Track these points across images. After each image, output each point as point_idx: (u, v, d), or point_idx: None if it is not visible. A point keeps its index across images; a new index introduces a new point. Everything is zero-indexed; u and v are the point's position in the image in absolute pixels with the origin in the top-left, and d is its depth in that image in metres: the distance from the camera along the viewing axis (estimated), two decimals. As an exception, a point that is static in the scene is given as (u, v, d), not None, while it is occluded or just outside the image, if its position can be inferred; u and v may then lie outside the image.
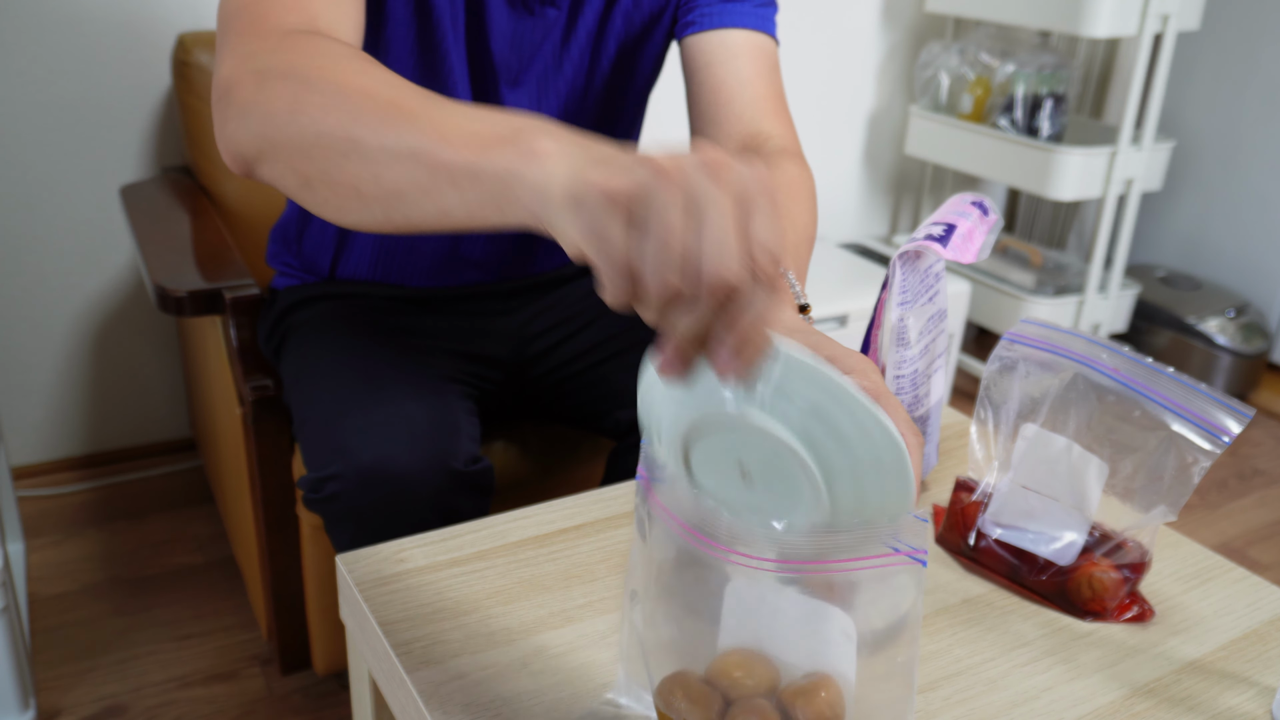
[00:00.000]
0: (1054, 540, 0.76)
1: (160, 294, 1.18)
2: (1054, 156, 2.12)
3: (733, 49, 0.99)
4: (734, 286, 0.46)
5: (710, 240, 0.45)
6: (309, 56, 0.65)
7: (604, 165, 0.48)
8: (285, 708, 1.37)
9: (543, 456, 1.22)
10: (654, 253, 0.46)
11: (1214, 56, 2.53)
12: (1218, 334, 2.38)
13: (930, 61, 2.35)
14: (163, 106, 1.73)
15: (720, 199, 0.46)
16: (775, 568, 0.53)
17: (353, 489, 0.87)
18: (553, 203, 0.49)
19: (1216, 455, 0.72)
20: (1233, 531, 1.93)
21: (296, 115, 0.62)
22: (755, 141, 0.95)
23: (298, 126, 0.61)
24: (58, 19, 1.62)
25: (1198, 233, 2.63)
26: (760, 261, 0.46)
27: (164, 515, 1.78)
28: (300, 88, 0.62)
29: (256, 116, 0.64)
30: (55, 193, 1.71)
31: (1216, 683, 0.70)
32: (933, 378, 0.86)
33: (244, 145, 0.65)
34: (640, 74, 1.07)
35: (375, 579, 0.75)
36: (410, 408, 0.90)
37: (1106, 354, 0.77)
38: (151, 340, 1.87)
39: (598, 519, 0.84)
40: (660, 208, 0.46)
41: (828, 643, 0.53)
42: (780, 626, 0.54)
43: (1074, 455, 0.76)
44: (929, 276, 0.82)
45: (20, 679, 1.24)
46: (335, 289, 1.13)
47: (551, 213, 0.49)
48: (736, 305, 0.47)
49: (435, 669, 0.67)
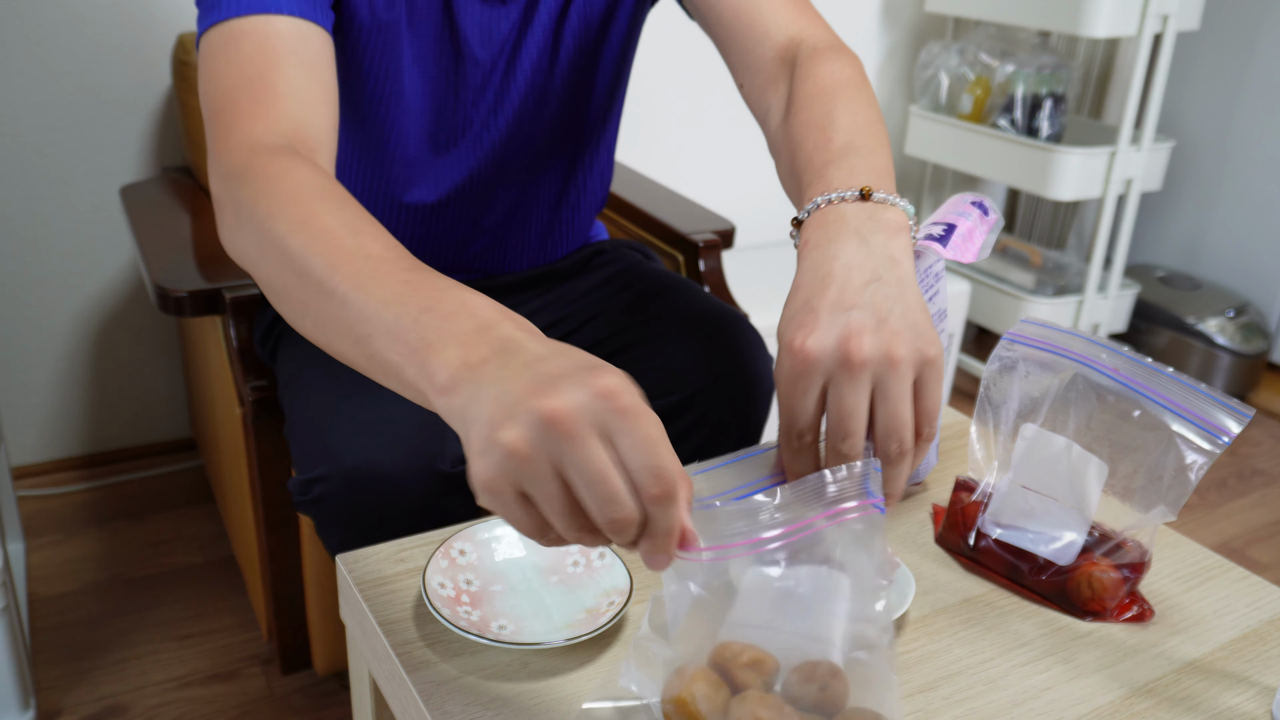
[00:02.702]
0: (1054, 540, 0.77)
1: (160, 294, 1.18)
2: (1054, 156, 2.12)
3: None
4: (631, 521, 0.50)
5: (592, 496, 0.49)
6: (266, 192, 0.68)
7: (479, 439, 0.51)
8: (285, 708, 1.37)
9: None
10: (554, 518, 0.51)
11: (1213, 56, 2.53)
12: (1217, 334, 2.38)
13: (930, 61, 2.35)
14: (163, 106, 1.73)
15: (578, 455, 0.49)
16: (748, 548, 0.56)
17: (339, 491, 0.87)
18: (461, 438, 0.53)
19: (1216, 455, 0.72)
20: (1233, 531, 1.93)
21: (263, 261, 0.67)
22: (790, 52, 0.88)
23: (265, 272, 0.67)
24: (58, 19, 1.62)
25: (1197, 233, 2.63)
26: (648, 490, 0.50)
27: (164, 515, 1.78)
28: (260, 233, 0.67)
29: (239, 245, 0.70)
30: (55, 193, 1.71)
31: (1216, 683, 0.70)
32: (933, 378, 0.86)
33: (234, 257, 0.72)
34: (610, 46, 1.07)
35: (375, 579, 0.75)
36: (396, 410, 0.90)
37: (1106, 354, 0.77)
38: (151, 340, 1.87)
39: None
40: (536, 485, 0.50)
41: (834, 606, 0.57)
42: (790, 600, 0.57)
43: (1074, 455, 0.76)
44: (929, 276, 0.82)
45: (20, 679, 1.24)
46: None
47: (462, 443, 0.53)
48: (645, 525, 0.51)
49: (435, 669, 0.67)
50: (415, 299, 0.57)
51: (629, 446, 0.49)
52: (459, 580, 0.72)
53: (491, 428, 0.50)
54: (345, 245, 0.62)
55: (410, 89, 0.99)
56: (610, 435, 0.49)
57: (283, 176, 0.69)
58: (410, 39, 0.96)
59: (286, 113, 0.75)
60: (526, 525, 0.52)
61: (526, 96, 1.04)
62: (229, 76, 0.76)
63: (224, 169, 0.72)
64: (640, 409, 0.50)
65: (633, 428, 0.49)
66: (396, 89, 0.98)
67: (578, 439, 0.49)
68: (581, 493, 0.50)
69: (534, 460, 0.49)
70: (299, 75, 0.77)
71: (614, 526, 0.50)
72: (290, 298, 0.65)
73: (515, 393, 0.50)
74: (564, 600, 0.72)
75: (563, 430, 0.49)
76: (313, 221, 0.64)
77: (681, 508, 0.51)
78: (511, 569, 0.75)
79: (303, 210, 0.65)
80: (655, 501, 0.50)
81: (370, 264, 0.61)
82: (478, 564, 0.74)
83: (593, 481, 0.49)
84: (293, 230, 0.64)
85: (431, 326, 0.55)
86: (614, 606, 0.69)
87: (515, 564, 0.75)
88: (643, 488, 0.50)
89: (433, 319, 0.56)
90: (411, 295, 0.58)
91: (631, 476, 0.50)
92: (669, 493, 0.50)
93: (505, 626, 0.69)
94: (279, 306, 0.68)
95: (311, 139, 0.76)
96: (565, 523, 0.51)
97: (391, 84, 0.98)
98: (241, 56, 0.77)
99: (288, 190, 0.67)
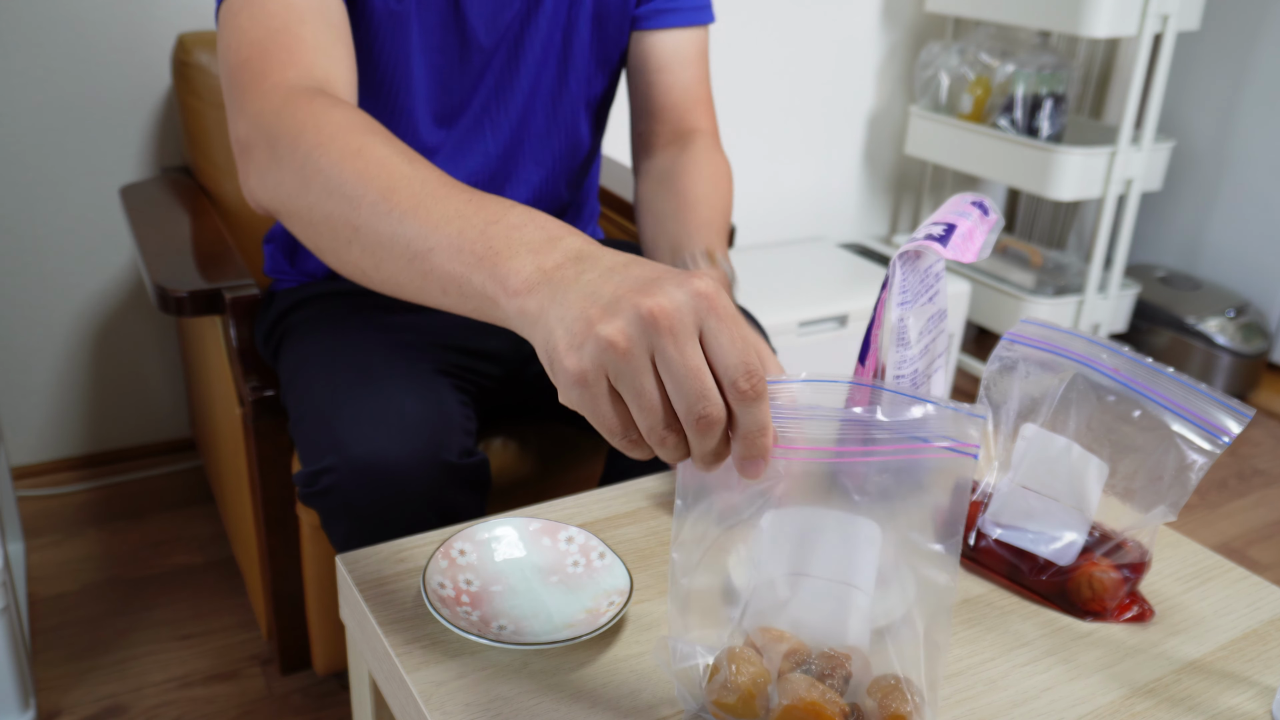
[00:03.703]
0: (1054, 540, 0.77)
1: (160, 294, 1.18)
2: (1054, 156, 2.12)
3: (677, 53, 1.10)
4: (719, 420, 0.50)
5: (684, 393, 0.50)
6: (312, 125, 0.68)
7: (569, 334, 0.51)
8: (285, 708, 1.37)
9: (543, 455, 1.23)
10: (641, 415, 0.51)
11: (1214, 56, 2.53)
12: (1217, 334, 2.38)
13: (930, 61, 2.35)
14: (163, 106, 1.74)
15: (677, 350, 0.49)
16: (833, 455, 0.56)
17: (346, 481, 0.87)
18: (536, 347, 0.54)
19: (1216, 455, 0.72)
20: (1233, 531, 1.93)
21: (305, 193, 0.66)
22: (684, 135, 1.11)
23: (306, 203, 0.66)
24: (58, 19, 1.62)
25: (1197, 233, 2.63)
26: (740, 386, 0.50)
27: (164, 515, 1.78)
28: (305, 164, 0.66)
29: (271, 182, 0.69)
30: (55, 193, 1.71)
31: (1216, 683, 0.70)
32: (933, 378, 0.86)
33: (264, 201, 0.71)
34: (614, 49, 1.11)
35: (375, 579, 0.75)
36: (403, 401, 0.90)
37: (1106, 354, 0.77)
38: (151, 340, 1.87)
39: (598, 518, 0.84)
40: (630, 379, 0.50)
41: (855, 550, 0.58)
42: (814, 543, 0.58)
43: (1074, 455, 0.76)
44: (929, 276, 0.82)
45: (20, 679, 1.24)
46: (332, 287, 1.13)
47: (539, 351, 0.54)
48: (734, 423, 0.51)
49: (435, 669, 0.67)
50: (480, 214, 0.58)
51: (726, 345, 0.50)
52: (459, 580, 0.72)
53: (588, 323, 0.50)
54: (402, 171, 0.63)
55: (419, 76, 0.99)
56: (706, 334, 0.50)
57: (328, 112, 0.69)
58: (419, 27, 0.97)
59: (317, 62, 0.77)
60: (612, 421, 0.52)
61: (533, 84, 1.06)
62: (255, 30, 0.78)
63: (255, 109, 0.73)
64: (735, 311, 0.51)
65: (730, 327, 0.50)
66: (406, 77, 0.99)
67: (680, 335, 0.49)
68: (673, 389, 0.50)
69: (633, 354, 0.50)
70: (324, 32, 0.80)
71: (701, 424, 0.50)
72: (335, 227, 0.65)
73: (610, 292, 0.51)
74: (564, 600, 0.72)
75: (666, 325, 0.49)
76: (366, 151, 0.65)
77: (768, 409, 0.52)
78: (511, 569, 0.75)
79: (354, 141, 0.66)
80: (745, 398, 0.50)
81: (429, 186, 0.62)
82: (478, 564, 0.74)
83: (687, 377, 0.50)
84: (345, 158, 0.65)
85: (500, 236, 0.56)
86: (614, 606, 0.69)
87: (515, 564, 0.75)
88: (735, 384, 0.50)
89: (500, 229, 0.57)
90: (475, 212, 0.58)
91: (723, 375, 0.50)
92: (758, 390, 0.50)
93: (505, 626, 0.69)
94: (316, 241, 0.67)
95: (341, 90, 0.78)
96: (651, 420, 0.51)
97: (402, 71, 0.98)
98: (266, 13, 0.79)
99: (336, 123, 0.68)
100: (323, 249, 0.67)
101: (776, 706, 0.57)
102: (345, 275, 0.67)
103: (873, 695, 0.58)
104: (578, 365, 0.51)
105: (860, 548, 0.58)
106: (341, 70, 0.80)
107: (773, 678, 0.58)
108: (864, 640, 0.59)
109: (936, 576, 0.58)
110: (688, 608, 0.61)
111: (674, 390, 0.50)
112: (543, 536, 0.77)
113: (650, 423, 0.51)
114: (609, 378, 0.51)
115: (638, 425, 0.52)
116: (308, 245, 0.69)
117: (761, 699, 0.58)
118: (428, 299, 0.61)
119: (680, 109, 1.11)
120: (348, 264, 0.66)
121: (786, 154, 2.38)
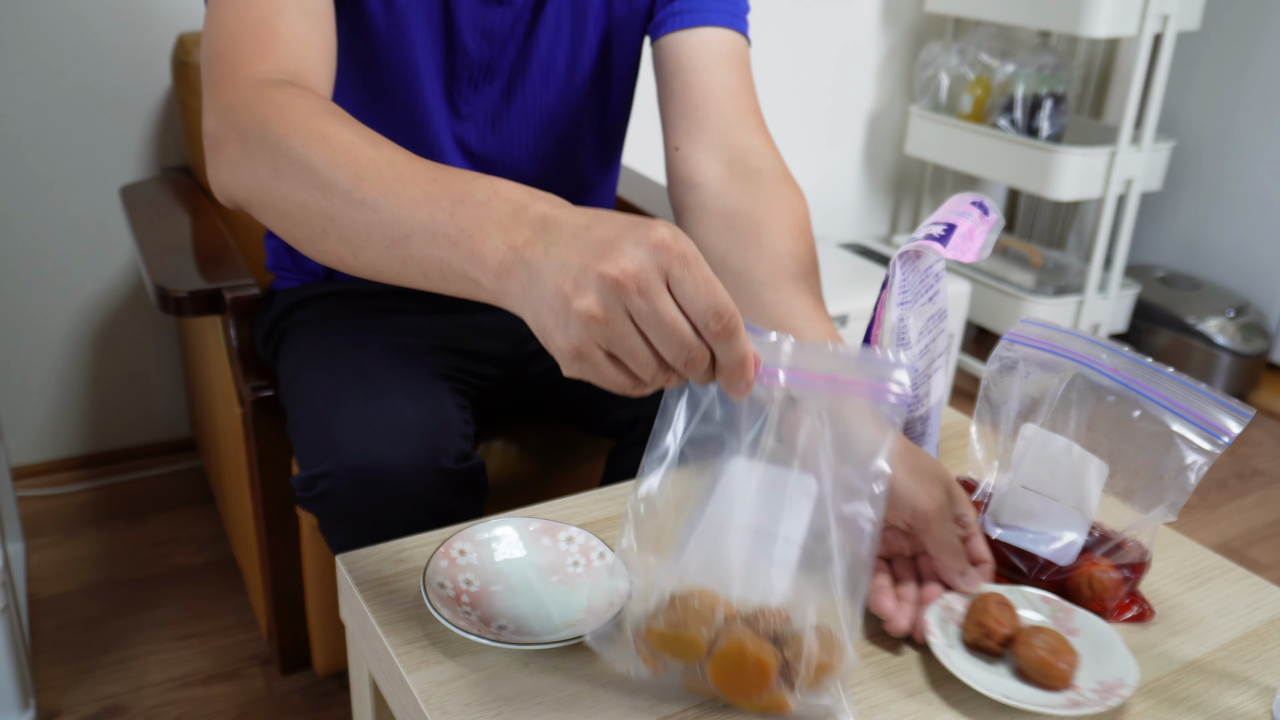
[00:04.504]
0: (1054, 540, 0.77)
1: (160, 294, 1.18)
2: (1054, 156, 2.12)
3: (713, 52, 0.97)
4: (703, 360, 0.55)
5: (666, 345, 0.54)
6: (276, 116, 0.69)
7: (552, 314, 0.54)
8: (285, 708, 1.37)
9: (543, 456, 1.23)
10: (639, 369, 0.55)
11: (1214, 56, 2.53)
12: (1217, 334, 2.38)
13: (930, 61, 2.35)
14: (163, 106, 1.74)
15: (650, 307, 0.53)
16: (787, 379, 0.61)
17: (343, 486, 0.87)
18: (530, 327, 0.56)
19: (1216, 455, 0.72)
20: (1233, 531, 1.93)
21: (278, 183, 0.67)
22: (741, 156, 0.94)
23: (280, 194, 0.67)
24: (58, 19, 1.62)
25: (1197, 233, 2.63)
26: (711, 328, 0.54)
27: (164, 515, 1.78)
28: (275, 155, 0.67)
29: (245, 175, 0.69)
30: (55, 193, 1.71)
31: (1216, 683, 0.70)
32: (933, 378, 0.86)
33: (235, 194, 0.71)
34: (621, 67, 1.07)
35: (375, 579, 0.75)
36: (401, 404, 0.90)
37: (1106, 354, 0.77)
38: (151, 340, 1.87)
39: (598, 518, 0.84)
40: (619, 343, 0.54)
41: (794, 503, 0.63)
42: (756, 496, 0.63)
43: (1074, 455, 0.76)
44: (929, 276, 0.82)
45: (20, 679, 1.24)
46: (332, 288, 1.13)
47: (534, 331, 0.57)
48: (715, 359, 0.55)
49: (435, 669, 0.67)
50: (446, 195, 0.60)
51: (691, 291, 0.53)
52: (459, 580, 0.72)
53: (564, 300, 0.53)
54: (367, 155, 0.64)
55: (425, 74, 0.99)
56: (672, 284, 0.53)
57: (292, 101, 0.70)
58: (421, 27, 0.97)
59: (290, 54, 0.77)
60: (620, 381, 0.56)
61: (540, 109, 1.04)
62: (233, 22, 0.78)
63: (225, 103, 0.73)
64: (694, 254, 0.54)
65: (693, 273, 0.53)
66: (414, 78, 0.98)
67: (649, 292, 0.52)
68: (656, 342, 0.54)
69: (613, 321, 0.53)
70: (302, 23, 0.80)
71: (689, 367, 0.55)
72: (311, 216, 0.65)
73: (576, 263, 0.53)
74: (564, 600, 0.72)
75: (633, 287, 0.52)
76: (330, 137, 0.66)
77: (745, 338, 0.55)
78: (511, 569, 0.75)
79: (318, 127, 0.67)
80: (719, 338, 0.54)
81: (394, 169, 0.63)
82: (478, 564, 0.74)
83: (664, 331, 0.53)
84: (311, 146, 0.65)
85: (469, 217, 0.58)
86: (614, 607, 0.69)
87: (515, 564, 0.75)
88: (707, 327, 0.54)
89: (467, 210, 0.58)
90: (442, 193, 0.60)
91: (695, 319, 0.53)
92: (730, 328, 0.54)
93: (505, 626, 0.69)
94: (293, 231, 0.67)
95: (313, 82, 0.78)
96: (650, 370, 0.55)
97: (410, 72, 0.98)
98: (245, 4, 0.79)
99: (300, 111, 0.69)
100: (299, 239, 0.68)
101: (715, 650, 0.61)
102: (325, 264, 0.68)
103: (797, 645, 0.61)
104: (568, 342, 0.54)
105: (799, 502, 0.62)
106: (315, 63, 0.80)
107: (715, 624, 0.61)
108: (789, 592, 0.62)
109: (863, 513, 0.62)
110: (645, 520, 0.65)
111: (657, 343, 0.54)
112: (543, 536, 0.77)
113: (650, 373, 0.55)
114: (600, 346, 0.54)
115: (639, 377, 0.55)
116: (283, 236, 0.69)
117: (699, 644, 0.61)
118: (409, 282, 0.62)
119: (727, 118, 0.96)
120: (325, 253, 0.66)
121: (787, 154, 2.38)
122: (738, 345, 0.55)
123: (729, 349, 0.55)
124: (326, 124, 0.67)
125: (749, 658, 0.60)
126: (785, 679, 0.61)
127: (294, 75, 0.76)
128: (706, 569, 0.63)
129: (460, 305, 1.12)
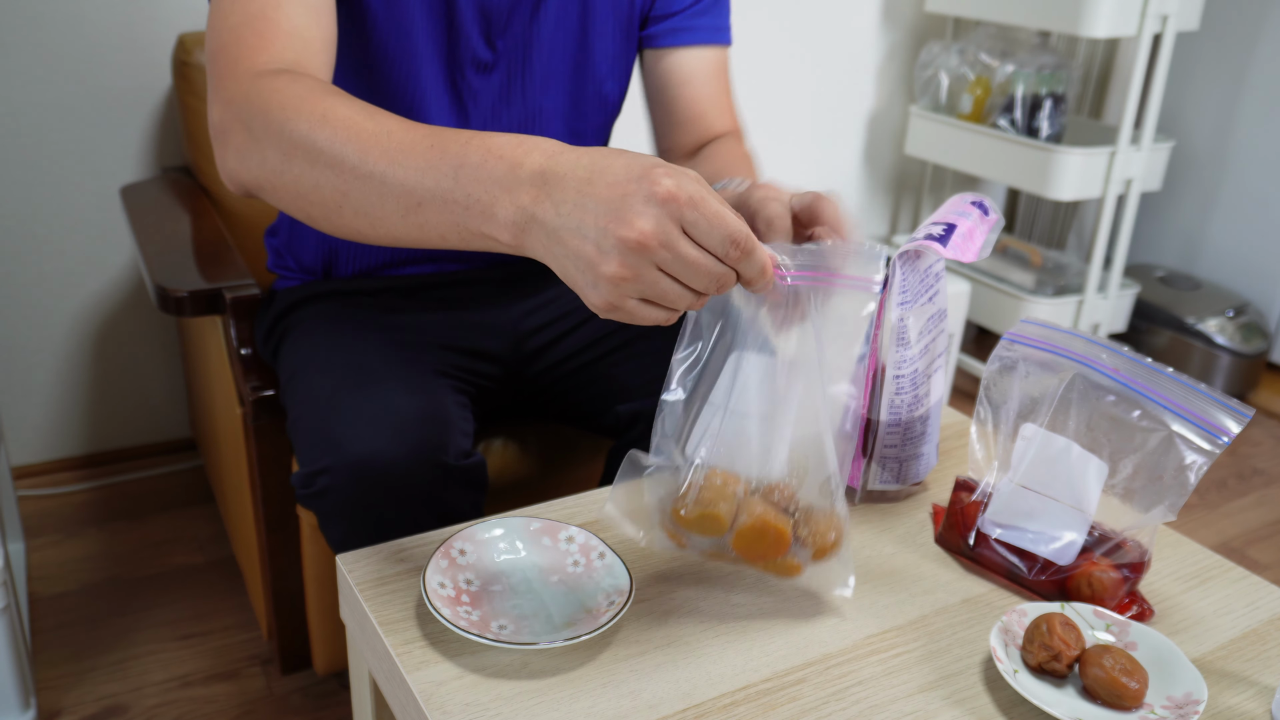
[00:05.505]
0: (1054, 540, 0.77)
1: (160, 294, 1.18)
2: (1054, 156, 2.12)
3: (698, 69, 1.09)
4: (731, 281, 0.62)
5: (696, 281, 0.60)
6: (277, 101, 0.71)
7: (581, 275, 0.59)
8: (285, 708, 1.37)
9: (542, 456, 1.23)
10: (676, 302, 0.61)
11: (1213, 56, 2.53)
12: (1217, 334, 2.38)
13: (930, 61, 2.35)
14: (163, 106, 1.74)
15: (674, 256, 0.58)
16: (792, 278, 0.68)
17: (343, 483, 0.87)
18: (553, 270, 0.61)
19: (1216, 455, 0.72)
20: (1232, 531, 1.93)
21: (289, 165, 0.69)
22: (710, 138, 1.09)
23: (293, 175, 0.69)
24: (58, 19, 1.62)
25: (1197, 233, 2.63)
26: (731, 255, 0.60)
27: (164, 515, 1.78)
28: (282, 138, 0.69)
29: (254, 161, 0.72)
30: (55, 193, 1.71)
31: (1216, 682, 0.70)
32: (933, 378, 0.86)
33: (246, 180, 0.74)
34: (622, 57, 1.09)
35: (375, 579, 0.75)
36: (400, 401, 0.90)
37: (1106, 354, 0.77)
38: (151, 340, 1.87)
39: (598, 518, 0.84)
40: (650, 290, 0.59)
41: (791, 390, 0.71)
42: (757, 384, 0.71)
43: (1074, 455, 0.76)
44: (929, 276, 0.82)
45: (20, 679, 1.24)
46: (332, 287, 1.13)
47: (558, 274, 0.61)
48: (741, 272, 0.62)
49: (435, 669, 0.67)
50: (445, 162, 0.63)
51: (706, 229, 0.59)
52: (459, 580, 0.72)
53: (590, 265, 0.58)
54: (368, 129, 0.67)
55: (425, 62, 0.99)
56: (687, 228, 0.58)
57: (289, 86, 0.72)
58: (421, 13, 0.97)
59: (289, 45, 0.80)
60: (657, 316, 0.62)
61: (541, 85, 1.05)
62: (234, 15, 0.80)
63: (228, 95, 0.75)
64: (698, 193, 0.58)
65: (701, 213, 0.58)
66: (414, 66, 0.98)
67: (670, 243, 0.58)
68: (686, 281, 0.60)
69: (641, 275, 0.58)
70: (301, 14, 0.81)
71: (719, 288, 0.62)
72: (325, 194, 0.68)
73: (592, 225, 0.58)
74: (564, 600, 0.72)
75: (655, 244, 0.57)
76: (330, 115, 0.68)
77: (762, 250, 0.62)
78: (511, 569, 0.75)
79: (317, 108, 0.69)
80: (739, 261, 0.61)
81: (394, 139, 0.65)
82: (478, 564, 0.75)
83: (691, 272, 0.59)
84: (315, 126, 0.68)
85: (470, 181, 0.62)
86: (614, 606, 0.69)
87: (515, 564, 0.75)
88: (727, 255, 0.60)
89: (467, 174, 0.62)
90: (440, 159, 0.63)
91: (715, 251, 0.60)
92: (747, 249, 0.61)
93: (505, 626, 0.69)
94: (309, 210, 0.70)
95: (312, 73, 0.80)
96: (684, 301, 0.61)
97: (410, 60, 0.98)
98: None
99: (297, 94, 0.71)
100: (315, 218, 0.70)
101: (738, 525, 0.69)
102: (344, 238, 0.71)
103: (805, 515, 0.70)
104: (602, 300, 0.60)
105: (795, 389, 0.70)
106: (314, 53, 0.82)
107: (735, 501, 0.69)
108: (785, 469, 0.71)
109: (846, 390, 0.71)
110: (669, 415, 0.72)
111: (687, 281, 0.60)
112: (543, 536, 0.77)
113: (685, 303, 0.61)
114: (631, 297, 0.60)
115: (675, 309, 0.61)
116: (300, 216, 0.72)
117: (723, 521, 0.69)
118: (431, 245, 0.66)
119: (705, 118, 1.10)
120: (344, 227, 0.69)
121: (787, 154, 2.38)
122: (757, 259, 0.62)
123: (750, 264, 0.61)
124: (325, 103, 0.69)
125: (770, 528, 0.69)
126: (799, 544, 0.70)
127: (293, 66, 0.78)
128: (725, 452, 0.70)
129: (460, 304, 1.12)
